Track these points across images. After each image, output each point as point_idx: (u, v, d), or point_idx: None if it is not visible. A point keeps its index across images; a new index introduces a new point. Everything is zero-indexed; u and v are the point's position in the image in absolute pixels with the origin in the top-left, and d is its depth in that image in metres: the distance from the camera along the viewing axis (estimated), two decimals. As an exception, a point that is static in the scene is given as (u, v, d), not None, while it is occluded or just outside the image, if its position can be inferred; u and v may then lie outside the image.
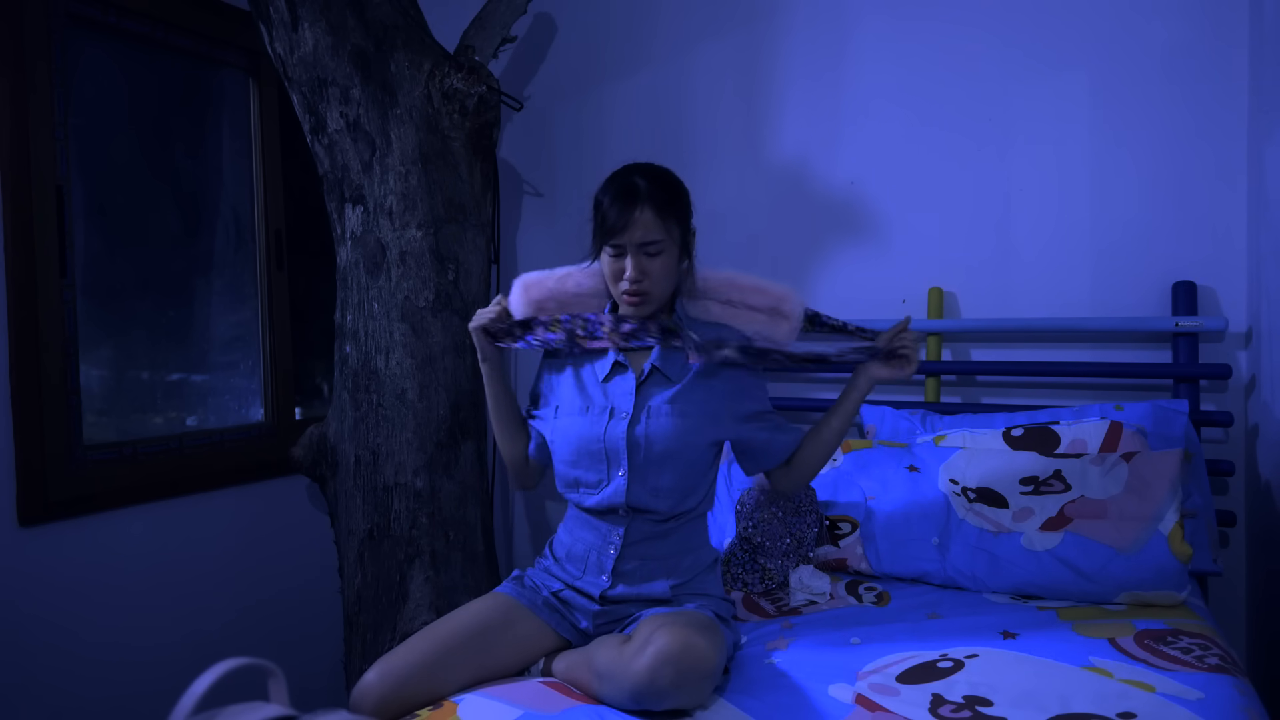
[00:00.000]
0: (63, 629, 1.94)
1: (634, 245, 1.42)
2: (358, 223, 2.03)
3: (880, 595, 1.69)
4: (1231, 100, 1.96)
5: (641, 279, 1.43)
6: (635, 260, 1.42)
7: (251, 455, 2.38)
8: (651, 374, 1.49)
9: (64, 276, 1.95)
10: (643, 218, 1.41)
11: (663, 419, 1.46)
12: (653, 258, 1.43)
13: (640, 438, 1.45)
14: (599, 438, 1.47)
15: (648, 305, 1.46)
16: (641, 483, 1.45)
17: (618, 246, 1.43)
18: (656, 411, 1.46)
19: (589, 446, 1.47)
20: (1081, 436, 1.84)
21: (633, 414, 1.46)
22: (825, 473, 1.98)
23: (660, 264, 1.44)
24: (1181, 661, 1.30)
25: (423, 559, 2.02)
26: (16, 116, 1.85)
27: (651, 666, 1.17)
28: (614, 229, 1.42)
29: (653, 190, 1.43)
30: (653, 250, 1.43)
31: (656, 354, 1.50)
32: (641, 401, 1.48)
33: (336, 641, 2.42)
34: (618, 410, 1.47)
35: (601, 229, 1.45)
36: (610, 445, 1.46)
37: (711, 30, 2.50)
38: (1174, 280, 2.01)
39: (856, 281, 2.34)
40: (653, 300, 1.46)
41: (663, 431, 1.45)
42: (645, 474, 1.45)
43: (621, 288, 1.45)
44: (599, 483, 1.47)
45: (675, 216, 1.46)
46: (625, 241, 1.42)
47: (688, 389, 1.49)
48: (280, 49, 1.96)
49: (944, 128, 2.23)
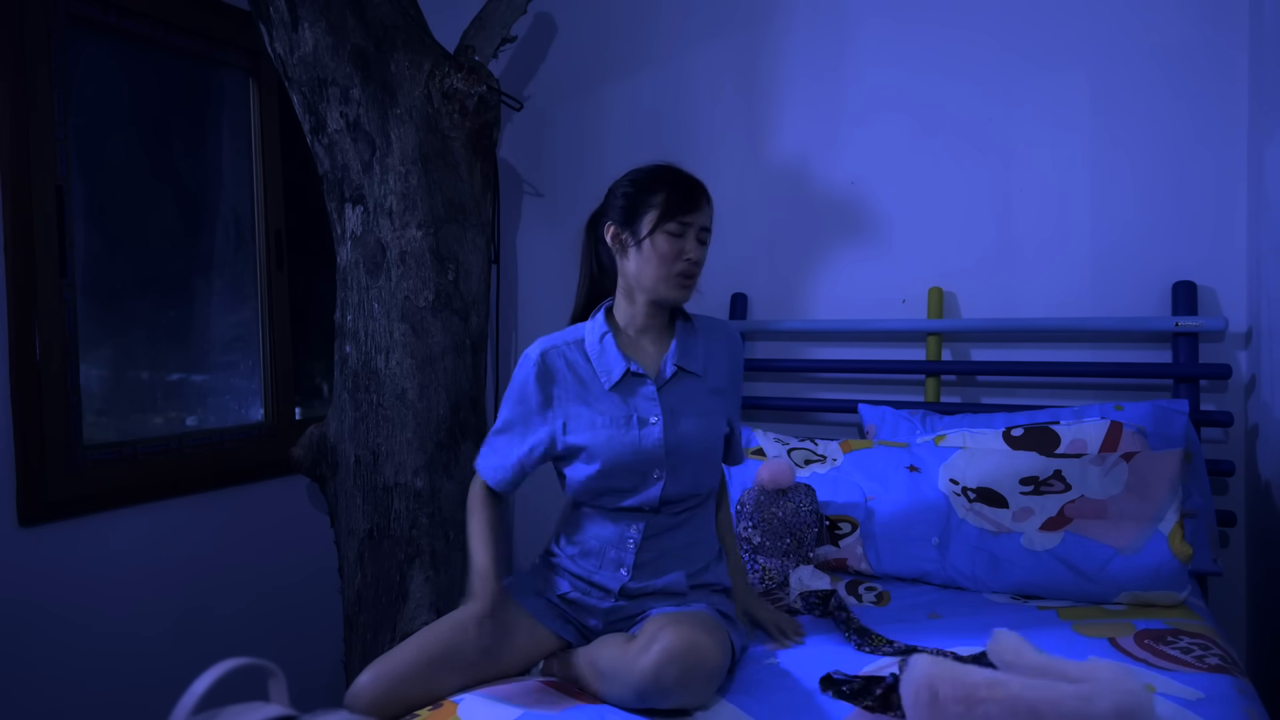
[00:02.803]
0: (63, 629, 1.94)
1: (698, 228, 1.46)
2: (358, 223, 2.03)
3: (880, 595, 1.69)
4: (1231, 101, 1.96)
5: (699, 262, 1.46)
6: (697, 244, 1.46)
7: (251, 455, 2.38)
8: (676, 374, 1.49)
9: (64, 276, 1.95)
10: (706, 208, 1.47)
11: (690, 418, 1.46)
12: (703, 246, 1.47)
13: (674, 440, 1.44)
14: (633, 449, 1.43)
15: (693, 292, 1.49)
16: (677, 481, 1.45)
17: (684, 225, 1.44)
18: (685, 413, 1.47)
19: (622, 460, 1.43)
20: (1081, 436, 1.84)
21: (663, 419, 1.45)
22: (825, 473, 1.98)
23: (705, 255, 1.48)
24: (1181, 661, 1.30)
25: (423, 559, 2.02)
26: (16, 116, 1.85)
27: (657, 663, 1.16)
28: (687, 208, 1.44)
29: (706, 190, 1.50)
30: (705, 239, 1.48)
31: (677, 352, 1.49)
32: (666, 403, 1.46)
33: (336, 641, 2.42)
34: (646, 416, 1.45)
35: (668, 208, 1.43)
36: (646, 455, 1.43)
37: (712, 30, 2.50)
38: (1174, 280, 2.01)
39: (857, 281, 2.34)
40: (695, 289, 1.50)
41: (691, 432, 1.46)
42: (680, 474, 1.45)
43: (678, 268, 1.45)
44: (634, 488, 1.44)
45: None
46: (693, 221, 1.45)
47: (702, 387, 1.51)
48: (280, 49, 1.96)
49: (944, 128, 2.23)
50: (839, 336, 2.39)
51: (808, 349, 2.43)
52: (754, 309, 2.48)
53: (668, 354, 1.49)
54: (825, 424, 2.42)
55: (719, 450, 1.53)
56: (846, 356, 2.37)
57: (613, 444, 1.42)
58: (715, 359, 1.53)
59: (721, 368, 1.53)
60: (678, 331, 1.51)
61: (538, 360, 1.47)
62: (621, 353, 1.47)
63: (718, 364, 1.53)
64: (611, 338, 1.48)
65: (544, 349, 1.49)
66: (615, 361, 1.46)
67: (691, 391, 1.49)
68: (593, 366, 1.47)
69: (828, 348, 2.40)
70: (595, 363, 1.48)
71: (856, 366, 2.27)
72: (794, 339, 2.44)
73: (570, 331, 1.53)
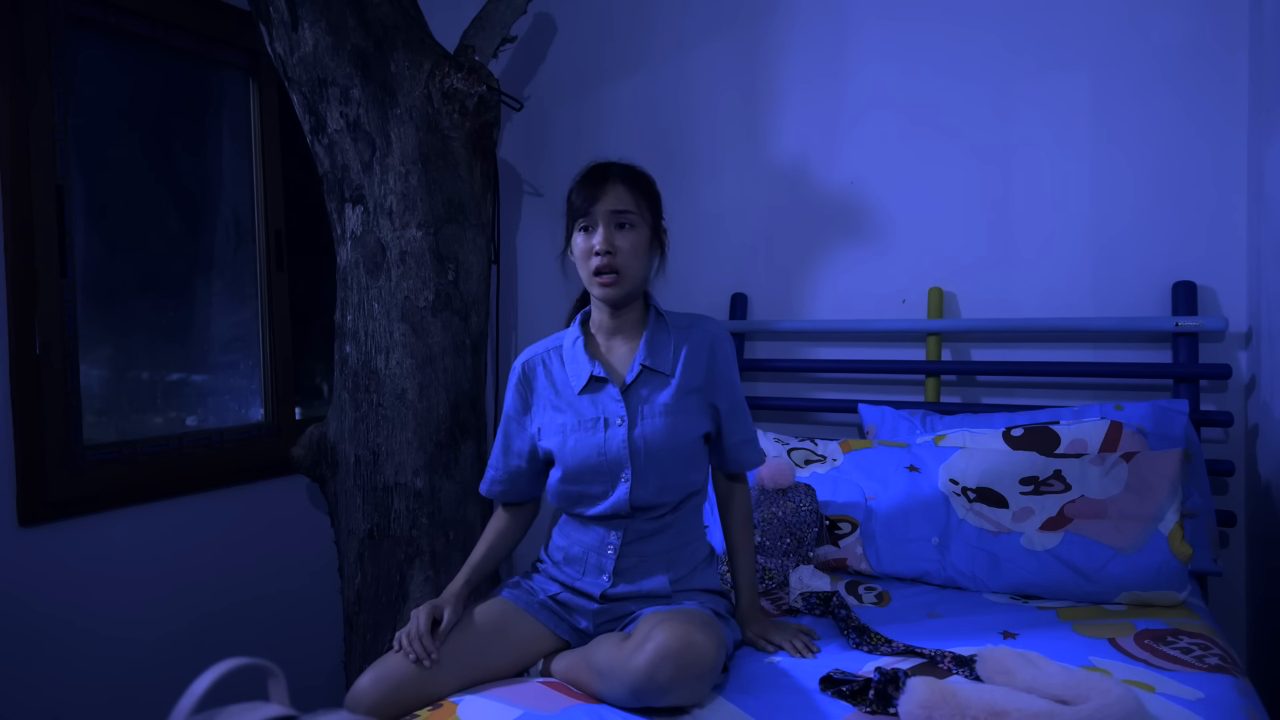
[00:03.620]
0: (63, 629, 1.94)
1: (604, 214, 1.40)
2: (358, 223, 2.03)
3: (880, 595, 1.69)
4: (1231, 100, 1.96)
5: (612, 251, 1.39)
6: (605, 231, 1.40)
7: (251, 455, 2.38)
8: (641, 374, 1.47)
9: (64, 276, 1.95)
10: (614, 190, 1.41)
11: (656, 419, 1.44)
12: (624, 230, 1.41)
13: (640, 441, 1.43)
14: (599, 450, 1.44)
15: (620, 286, 1.42)
16: (644, 485, 1.44)
17: (589, 218, 1.41)
18: (650, 412, 1.45)
19: (589, 461, 1.44)
20: (1081, 436, 1.84)
21: (628, 419, 1.44)
22: (825, 473, 1.98)
23: (632, 240, 1.41)
24: (1181, 661, 1.30)
25: (423, 559, 2.02)
26: (16, 116, 1.85)
27: (652, 662, 1.17)
28: (583, 204, 1.41)
29: (623, 170, 1.44)
30: (623, 221, 1.41)
31: (643, 351, 1.47)
32: (632, 404, 1.46)
33: (336, 641, 2.42)
34: (611, 418, 1.45)
35: (570, 212, 1.44)
36: (612, 455, 1.44)
37: (711, 30, 2.50)
38: (1174, 280, 2.01)
39: (856, 281, 2.34)
40: (626, 281, 1.42)
41: (657, 430, 1.44)
42: (647, 476, 1.44)
43: (592, 265, 1.41)
44: (604, 493, 1.46)
45: (646, 197, 1.46)
46: (596, 211, 1.40)
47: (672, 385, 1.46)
48: (280, 49, 1.96)
49: (944, 128, 2.23)
50: (839, 336, 2.39)
51: (807, 349, 2.43)
52: (754, 309, 2.48)
53: (636, 355, 1.48)
54: (825, 424, 2.42)
55: (693, 451, 1.47)
56: (846, 356, 2.37)
57: (579, 447, 1.45)
58: (691, 357, 1.48)
59: (697, 365, 1.48)
60: (647, 330, 1.49)
61: (519, 370, 1.54)
62: (589, 356, 1.48)
63: (693, 362, 1.48)
64: (582, 342, 1.50)
65: (525, 359, 1.54)
66: (582, 365, 1.48)
67: (659, 391, 1.46)
68: (568, 371, 1.50)
69: (827, 348, 2.40)
70: (568, 367, 1.50)
71: (856, 366, 2.27)
72: (794, 339, 2.44)
73: (554, 338, 1.57)
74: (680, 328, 1.51)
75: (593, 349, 1.51)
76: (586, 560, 1.48)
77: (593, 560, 1.48)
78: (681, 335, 1.50)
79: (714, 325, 1.53)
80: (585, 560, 1.48)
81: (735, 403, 1.53)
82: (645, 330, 1.49)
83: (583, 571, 1.48)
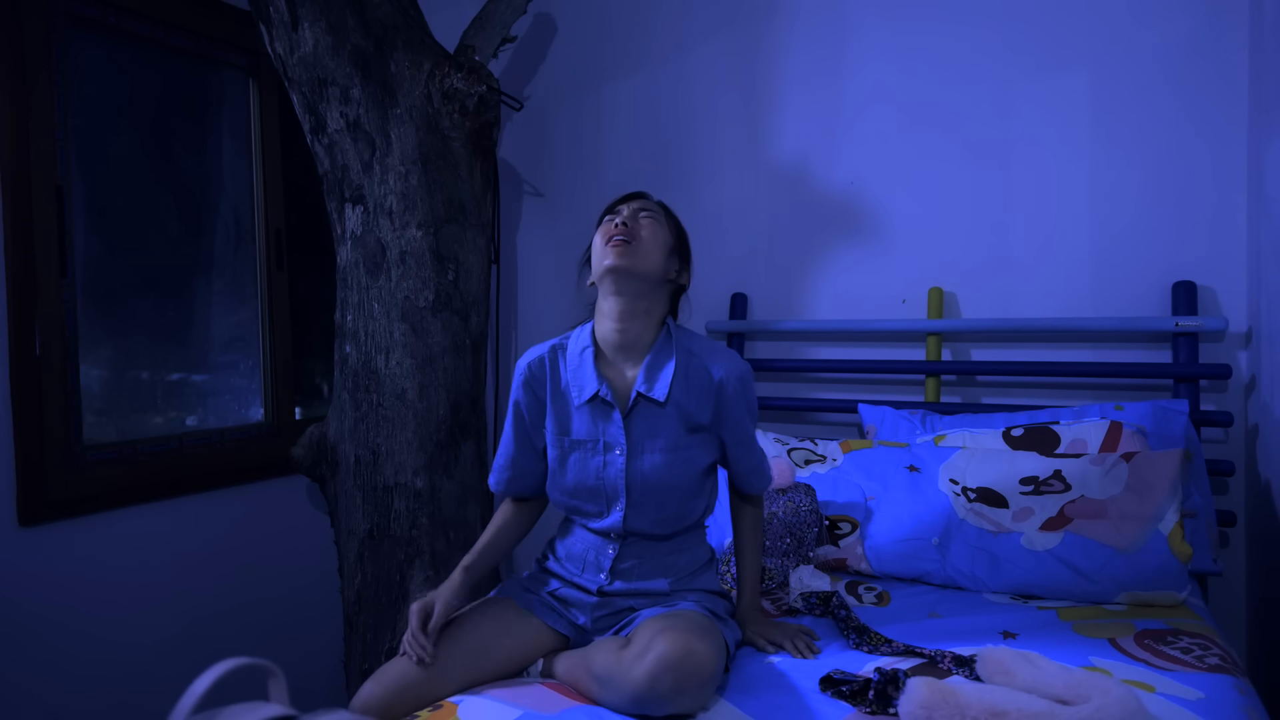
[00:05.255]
0: (63, 629, 1.94)
1: (631, 207, 1.46)
2: (358, 223, 2.03)
3: (880, 595, 1.69)
4: (1231, 100, 1.96)
5: (633, 226, 1.42)
6: (630, 212, 1.45)
7: (251, 455, 2.38)
8: (639, 403, 1.44)
9: (64, 276, 1.95)
10: (641, 199, 1.50)
11: (655, 454, 1.43)
12: (648, 219, 1.45)
13: (637, 475, 1.43)
14: (596, 474, 1.45)
15: (629, 256, 1.39)
16: (639, 515, 1.44)
17: (614, 213, 1.45)
18: (651, 447, 1.43)
19: (586, 483, 1.46)
20: (1081, 436, 1.84)
21: (627, 450, 1.43)
22: (825, 473, 1.98)
23: (651, 228, 1.44)
24: (1181, 661, 1.30)
25: (423, 559, 2.02)
26: (16, 116, 1.85)
27: (652, 674, 1.16)
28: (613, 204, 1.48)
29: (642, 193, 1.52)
30: (646, 214, 1.45)
31: (641, 379, 1.43)
32: (634, 435, 1.43)
33: (336, 641, 2.42)
34: (612, 444, 1.44)
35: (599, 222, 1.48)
36: (608, 484, 1.44)
37: (711, 30, 2.50)
38: (1174, 280, 2.01)
39: (856, 281, 2.34)
40: (638, 252, 1.39)
41: (656, 468, 1.42)
42: (643, 508, 1.44)
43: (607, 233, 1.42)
44: (599, 513, 1.47)
45: (674, 221, 1.52)
46: (623, 207, 1.46)
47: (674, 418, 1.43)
48: (280, 49, 1.96)
49: (944, 128, 2.23)
50: (839, 336, 2.39)
51: (808, 349, 2.43)
52: (754, 309, 2.48)
53: (636, 381, 1.44)
54: (825, 424, 2.42)
55: (693, 486, 1.45)
56: (846, 356, 2.37)
57: (576, 467, 1.47)
58: (693, 389, 1.43)
59: (701, 400, 1.43)
60: (650, 353, 1.44)
61: (524, 370, 1.52)
62: (597, 372, 1.45)
63: (698, 395, 1.43)
64: (591, 353, 1.47)
65: (528, 359, 1.53)
66: (589, 380, 1.46)
67: (657, 423, 1.43)
68: (569, 378, 1.49)
69: (828, 348, 2.40)
70: (571, 375, 1.48)
71: (856, 366, 2.27)
72: (794, 339, 2.44)
73: (558, 339, 1.55)
74: (691, 352, 1.45)
75: (602, 364, 1.47)
76: (586, 558, 1.49)
77: (592, 558, 1.49)
78: (689, 361, 1.44)
79: (730, 365, 1.45)
80: (585, 558, 1.49)
81: (742, 438, 1.49)
82: (649, 354, 1.45)
83: (582, 568, 1.49)
